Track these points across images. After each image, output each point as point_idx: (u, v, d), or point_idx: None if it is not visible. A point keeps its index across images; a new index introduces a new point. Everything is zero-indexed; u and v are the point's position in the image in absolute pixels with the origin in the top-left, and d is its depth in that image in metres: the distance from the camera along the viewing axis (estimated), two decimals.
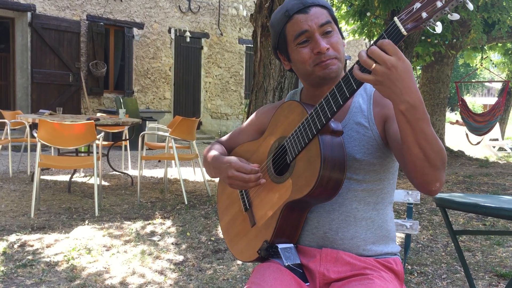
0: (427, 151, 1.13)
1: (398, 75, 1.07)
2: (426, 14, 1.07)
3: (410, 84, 1.08)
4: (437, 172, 1.17)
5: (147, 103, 12.18)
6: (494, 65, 13.41)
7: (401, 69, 1.07)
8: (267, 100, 4.57)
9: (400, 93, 1.08)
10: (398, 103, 1.09)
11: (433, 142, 1.13)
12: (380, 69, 1.07)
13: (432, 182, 1.19)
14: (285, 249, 1.41)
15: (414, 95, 1.08)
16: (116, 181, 6.34)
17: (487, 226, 4.40)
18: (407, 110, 1.09)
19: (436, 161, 1.15)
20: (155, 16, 12.15)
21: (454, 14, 1.08)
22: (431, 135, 1.13)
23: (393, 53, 1.07)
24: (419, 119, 1.10)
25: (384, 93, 1.10)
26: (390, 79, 1.07)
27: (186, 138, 5.39)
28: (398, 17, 1.10)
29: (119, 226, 4.13)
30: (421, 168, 1.16)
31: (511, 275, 3.14)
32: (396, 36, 1.09)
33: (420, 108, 1.10)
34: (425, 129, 1.11)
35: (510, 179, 7.74)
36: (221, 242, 3.75)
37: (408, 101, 1.08)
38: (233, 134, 1.70)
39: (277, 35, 1.44)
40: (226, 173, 1.41)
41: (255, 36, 4.70)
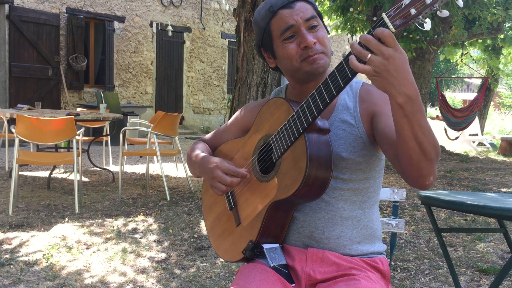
0: (424, 144, 1.11)
1: (396, 66, 1.03)
2: (415, 10, 1.05)
3: (407, 76, 1.05)
4: (432, 165, 1.15)
5: (129, 98, 12.03)
6: (474, 61, 13.57)
7: (399, 60, 1.03)
8: (250, 96, 4.54)
9: (398, 85, 1.05)
10: (395, 95, 1.06)
11: (429, 135, 1.11)
12: (377, 59, 1.03)
13: (427, 176, 1.17)
14: (270, 250, 1.39)
15: (412, 87, 1.06)
16: (97, 177, 6.25)
17: (468, 221, 4.44)
18: (405, 102, 1.06)
19: (432, 154, 1.13)
20: (136, 10, 12.00)
21: (443, 11, 1.05)
22: (427, 128, 1.11)
23: (392, 44, 1.03)
24: (417, 111, 1.08)
25: (381, 84, 1.06)
26: (388, 70, 1.03)
27: (168, 133, 5.33)
28: (387, 14, 1.08)
29: (100, 223, 4.06)
30: (417, 161, 1.14)
31: (492, 270, 3.18)
32: None
33: (417, 101, 1.07)
34: (421, 122, 1.09)
35: (490, 174, 7.85)
36: (204, 239, 3.71)
37: (406, 93, 1.05)
38: (217, 132, 1.67)
39: (261, 32, 1.41)
40: (212, 174, 1.38)
41: (238, 31, 4.65)
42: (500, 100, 27.93)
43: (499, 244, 3.81)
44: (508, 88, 27.98)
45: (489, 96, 14.21)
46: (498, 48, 12.11)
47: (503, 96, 27.99)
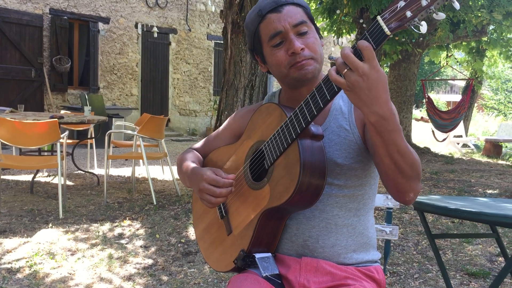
0: (399, 163, 1.11)
1: (369, 84, 1.02)
2: (410, 13, 1.02)
3: (381, 95, 1.03)
4: (410, 183, 1.15)
5: (113, 100, 11.91)
6: (458, 63, 13.70)
7: (373, 79, 1.02)
8: (238, 98, 4.50)
9: (370, 104, 1.04)
10: (367, 113, 1.06)
11: (405, 154, 1.11)
12: (352, 75, 1.03)
13: (405, 193, 1.18)
14: (262, 259, 1.35)
15: (385, 107, 1.04)
16: (82, 180, 6.15)
17: (456, 223, 4.45)
18: (377, 121, 1.06)
19: (409, 173, 1.13)
20: (121, 11, 11.88)
21: (440, 13, 1.03)
22: (403, 147, 1.10)
23: (368, 59, 1.02)
24: (390, 131, 1.07)
25: (353, 101, 1.06)
26: (361, 88, 1.02)
27: (155, 136, 5.26)
28: (382, 16, 1.05)
29: (85, 228, 3.98)
30: (394, 178, 1.15)
31: (481, 274, 3.17)
32: (379, 36, 1.04)
33: (392, 120, 1.06)
34: (396, 141, 1.09)
35: (475, 175, 7.91)
36: (191, 244, 3.66)
37: (378, 112, 1.04)
38: (209, 140, 1.62)
39: (251, 36, 1.38)
40: (198, 186, 1.34)
41: (225, 33, 4.60)
42: (483, 101, 28.28)
43: (486, 246, 3.82)
44: (491, 90, 28.35)
45: (473, 98, 14.36)
46: (482, 51, 12.25)
47: (486, 98, 28.35)
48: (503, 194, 6.14)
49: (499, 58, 12.23)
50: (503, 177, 7.77)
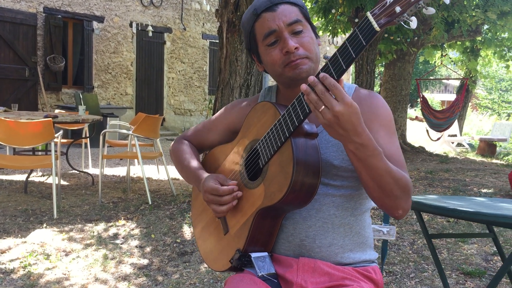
0: (382, 184, 1.16)
1: (344, 121, 1.07)
2: (399, 8, 1.02)
3: (356, 128, 1.08)
4: (397, 200, 1.19)
5: (108, 99, 11.86)
6: (452, 62, 13.74)
7: (347, 115, 1.06)
8: (233, 98, 4.48)
9: (347, 136, 1.10)
10: (346, 143, 1.12)
11: (387, 175, 1.15)
12: (328, 114, 1.07)
13: (393, 209, 1.22)
14: (258, 258, 1.34)
15: (362, 136, 1.10)
16: (76, 180, 6.12)
17: (451, 223, 4.46)
18: (356, 149, 1.11)
19: (393, 192, 1.17)
20: (116, 10, 11.84)
21: (430, 8, 1.02)
22: (384, 169, 1.14)
23: (340, 98, 1.06)
24: (369, 156, 1.12)
25: (332, 134, 1.11)
26: (337, 124, 1.08)
27: (150, 136, 5.24)
28: (371, 12, 1.05)
29: (80, 228, 3.96)
30: (379, 198, 1.20)
31: (477, 273, 3.18)
32: (369, 32, 1.04)
33: (370, 146, 1.11)
34: (376, 165, 1.13)
35: (470, 174, 7.94)
36: (187, 244, 3.64)
37: (356, 141, 1.10)
38: (200, 130, 1.61)
39: (247, 35, 1.39)
40: (205, 198, 1.37)
41: (221, 32, 4.58)
42: (477, 101, 28.40)
43: (482, 246, 3.83)
44: (485, 89, 28.47)
45: (468, 97, 14.41)
46: (477, 50, 12.29)
47: (480, 97, 28.47)
48: (498, 193, 6.16)
49: (493, 57, 12.28)
50: (498, 176, 7.79)
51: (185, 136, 1.65)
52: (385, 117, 1.34)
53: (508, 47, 10.87)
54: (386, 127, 1.32)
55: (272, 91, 1.50)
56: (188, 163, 1.51)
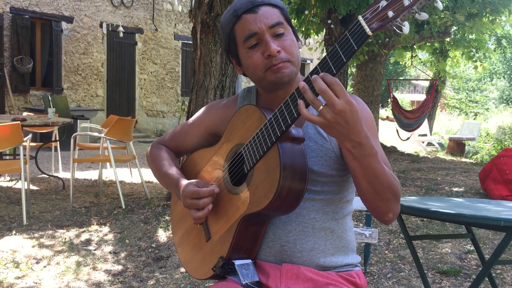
0: (376, 185, 1.14)
1: (346, 119, 1.04)
2: (392, 13, 1.00)
3: (357, 126, 1.06)
4: (388, 204, 1.18)
5: (78, 101, 11.63)
6: (422, 63, 13.99)
7: (349, 113, 1.04)
8: (208, 99, 4.43)
9: (347, 134, 1.07)
10: (344, 141, 1.09)
11: (382, 177, 1.13)
12: (328, 113, 1.04)
13: (384, 213, 1.20)
14: (242, 266, 1.30)
15: (361, 134, 1.07)
16: (46, 185, 5.95)
17: (425, 222, 4.51)
18: (353, 147, 1.09)
19: (386, 194, 1.16)
20: (85, 10, 11.61)
21: (422, 14, 1.01)
22: (380, 170, 1.13)
23: (341, 95, 1.03)
24: (366, 155, 1.10)
25: (330, 134, 1.08)
26: (338, 123, 1.05)
27: (123, 139, 5.13)
28: (363, 16, 1.03)
29: (51, 235, 3.84)
30: (372, 200, 1.18)
31: (452, 272, 3.22)
32: (361, 36, 1.02)
33: (367, 145, 1.09)
34: (372, 165, 1.11)
35: (441, 173, 8.08)
36: (162, 248, 3.57)
37: (355, 139, 1.07)
38: (177, 134, 1.57)
39: (226, 36, 1.34)
40: (183, 202, 1.33)
41: (195, 33, 4.52)
42: (445, 101, 29.01)
43: (456, 244, 3.88)
44: (452, 90, 29.09)
45: (437, 97, 14.69)
46: (445, 51, 12.54)
47: (448, 97, 29.09)
48: (469, 192, 6.28)
49: (461, 58, 12.54)
50: (468, 175, 7.95)
51: (162, 141, 1.60)
52: (368, 121, 1.32)
53: (476, 48, 11.12)
54: (370, 130, 1.31)
55: (251, 93, 1.46)
56: (166, 170, 1.47)
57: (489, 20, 9.69)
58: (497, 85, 28.78)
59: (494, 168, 5.88)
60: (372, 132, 1.31)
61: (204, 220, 1.36)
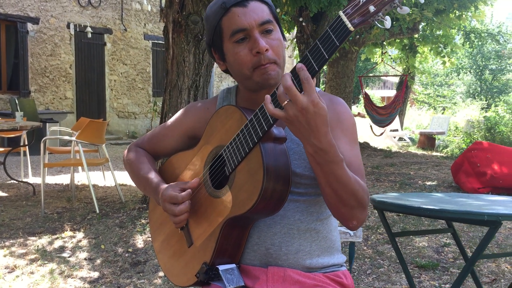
0: (339, 192, 1.12)
1: (307, 119, 1.02)
2: (374, 7, 0.99)
3: (319, 129, 1.03)
4: (352, 211, 1.16)
5: (47, 104, 11.35)
6: (392, 59, 14.18)
7: (312, 113, 1.01)
8: (182, 99, 4.36)
9: (308, 136, 1.04)
10: (305, 144, 1.07)
11: (345, 184, 1.11)
12: (291, 108, 1.02)
13: (348, 220, 1.19)
14: (226, 271, 1.27)
15: (324, 139, 1.04)
16: (15, 191, 5.78)
17: (401, 217, 4.56)
18: (315, 152, 1.07)
19: (350, 201, 1.14)
20: (52, 10, 11.34)
21: (404, 7, 1.00)
22: (343, 177, 1.10)
23: (307, 92, 1.00)
24: (329, 162, 1.08)
25: (292, 131, 1.06)
26: (299, 121, 1.03)
27: (95, 141, 5.02)
28: (344, 11, 1.01)
29: (22, 243, 3.72)
30: (335, 207, 1.17)
31: (430, 265, 3.25)
32: (342, 32, 1.00)
33: (330, 152, 1.06)
34: (335, 171, 1.09)
35: (414, 168, 8.20)
36: (140, 253, 3.50)
37: (316, 144, 1.05)
38: (154, 137, 1.52)
39: (212, 29, 1.29)
40: (163, 207, 1.30)
41: (167, 33, 4.45)
42: (414, 96, 29.52)
43: (432, 238, 3.93)
44: (421, 85, 29.61)
45: (407, 93, 14.91)
46: (414, 47, 12.74)
47: (417, 92, 29.61)
48: (441, 185, 6.39)
49: (430, 54, 12.76)
50: (439, 169, 8.09)
51: (139, 144, 1.55)
52: (348, 124, 1.31)
53: (443, 44, 11.32)
54: (348, 134, 1.29)
55: (231, 93, 1.43)
56: (145, 173, 1.42)
57: (456, 16, 9.89)
58: (463, 80, 29.44)
59: (465, 162, 5.99)
60: (351, 137, 1.29)
61: (185, 224, 1.33)
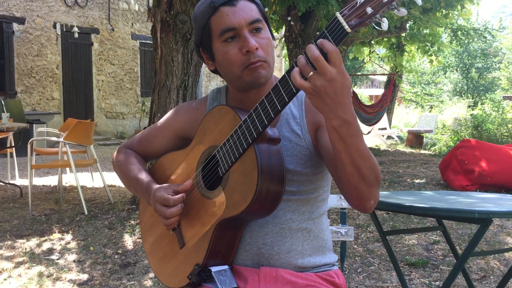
0: (361, 169, 1.08)
1: (335, 89, 0.98)
2: (371, 9, 0.98)
3: (345, 100, 1.00)
4: (371, 189, 1.12)
5: (33, 105, 11.23)
6: (380, 58, 14.25)
7: (340, 83, 0.98)
8: (170, 99, 4.33)
9: (335, 108, 1.00)
10: (331, 118, 1.02)
11: (367, 159, 1.08)
12: (318, 79, 0.98)
13: (367, 200, 1.14)
14: (219, 272, 1.26)
15: (349, 111, 1.02)
16: (2, 193, 5.71)
17: (391, 215, 4.58)
18: (340, 126, 1.02)
19: (371, 178, 1.10)
20: (38, 10, 11.22)
21: (402, 10, 0.99)
22: (365, 151, 1.07)
23: (337, 64, 0.97)
24: (353, 135, 1.04)
25: (317, 104, 1.02)
26: (327, 92, 0.98)
27: (83, 142, 4.97)
28: (341, 13, 1.00)
29: (10, 245, 3.67)
30: (356, 186, 1.11)
31: (420, 263, 3.27)
32: (340, 33, 0.99)
33: (354, 124, 1.03)
34: (359, 145, 1.06)
35: (402, 166, 8.25)
36: (129, 254, 3.48)
37: (342, 116, 1.01)
38: (144, 138, 1.51)
39: (200, 28, 1.28)
40: (154, 208, 1.28)
41: (155, 32, 4.42)
42: (402, 94, 29.71)
43: (422, 235, 3.95)
44: (408, 83, 29.81)
45: (395, 91, 14.99)
46: (402, 46, 12.81)
47: (404, 90, 29.80)
48: (430, 183, 6.43)
49: (417, 52, 12.84)
50: (428, 166, 8.15)
51: (129, 145, 1.54)
52: None
53: (430, 42, 11.40)
54: None
55: (221, 93, 1.42)
56: (135, 175, 1.41)
57: (443, 14, 9.96)
58: (450, 78, 29.70)
59: (453, 159, 6.04)
60: None
61: (177, 225, 1.32)
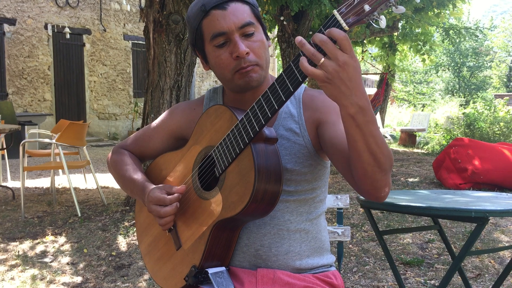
0: (378, 155, 1.03)
1: (349, 74, 0.95)
2: (368, 7, 0.97)
3: (359, 86, 0.97)
4: (386, 176, 1.08)
5: (25, 106, 11.15)
6: (373, 58, 14.28)
7: (353, 68, 0.95)
8: (164, 100, 4.31)
9: (350, 94, 0.96)
10: (347, 105, 0.98)
11: (382, 145, 1.04)
12: (331, 65, 0.94)
13: (382, 188, 1.09)
14: (216, 274, 1.25)
15: (363, 97, 0.98)
16: None
17: (385, 214, 4.58)
18: (356, 113, 0.98)
19: (386, 165, 1.06)
20: (29, 11, 11.14)
21: (400, 7, 0.98)
22: (380, 137, 1.04)
23: (348, 50, 0.94)
24: (368, 121, 1.00)
25: (331, 92, 0.97)
26: (341, 78, 0.95)
27: (75, 144, 4.93)
28: (338, 11, 0.99)
29: (3, 248, 3.64)
30: (372, 174, 1.06)
31: (415, 262, 3.27)
32: None
33: (369, 111, 1.00)
34: (374, 132, 1.02)
35: (396, 165, 8.26)
36: (123, 256, 3.45)
37: (358, 103, 0.97)
38: (140, 138, 1.49)
39: (193, 31, 1.27)
40: (148, 209, 1.27)
41: (147, 32, 4.40)
42: (394, 93, 29.81)
43: (416, 234, 3.95)
44: (401, 82, 29.93)
45: (387, 90, 15.04)
46: (394, 45, 12.85)
47: (397, 90, 29.91)
48: (424, 182, 6.45)
49: (409, 52, 12.88)
50: (421, 165, 8.18)
51: (124, 146, 1.52)
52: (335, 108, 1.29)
53: (422, 42, 11.44)
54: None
55: (218, 93, 1.41)
56: (131, 175, 1.40)
57: (435, 13, 9.99)
58: (442, 77, 29.84)
59: (446, 158, 6.06)
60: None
61: (173, 226, 1.30)
